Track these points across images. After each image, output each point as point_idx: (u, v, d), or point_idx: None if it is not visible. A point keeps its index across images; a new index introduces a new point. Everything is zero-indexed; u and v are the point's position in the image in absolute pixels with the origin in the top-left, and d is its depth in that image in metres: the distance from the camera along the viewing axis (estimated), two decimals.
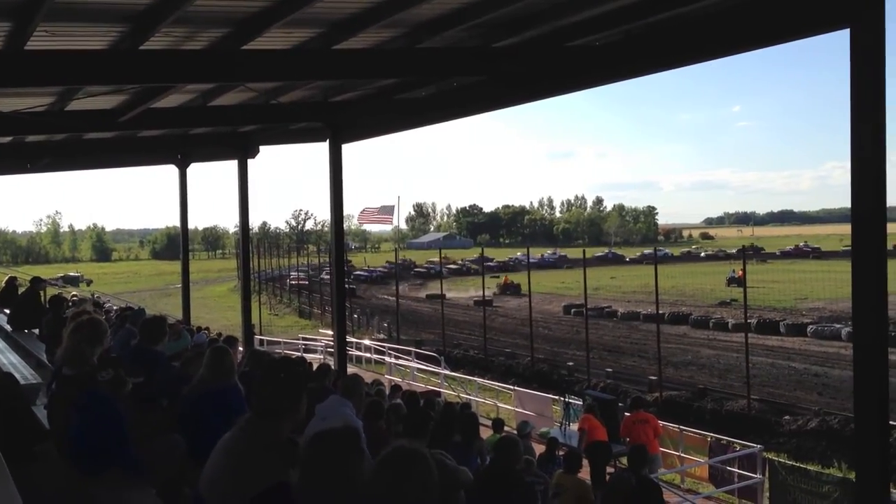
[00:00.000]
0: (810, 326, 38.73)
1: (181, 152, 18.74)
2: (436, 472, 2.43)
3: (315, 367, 10.77)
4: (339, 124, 13.39)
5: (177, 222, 22.47)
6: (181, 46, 8.55)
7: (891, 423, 17.66)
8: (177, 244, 25.56)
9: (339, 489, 2.46)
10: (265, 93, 11.56)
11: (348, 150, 14.80)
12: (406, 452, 2.45)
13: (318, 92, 12.03)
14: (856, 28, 5.81)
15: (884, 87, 5.94)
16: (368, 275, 77.56)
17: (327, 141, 13.91)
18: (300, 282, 61.67)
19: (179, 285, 22.89)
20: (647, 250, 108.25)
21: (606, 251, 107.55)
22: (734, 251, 76.02)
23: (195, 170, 22.24)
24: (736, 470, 15.04)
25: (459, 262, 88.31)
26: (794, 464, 15.29)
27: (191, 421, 4.66)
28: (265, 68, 8.12)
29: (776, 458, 15.58)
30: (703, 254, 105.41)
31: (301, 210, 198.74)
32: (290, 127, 15.78)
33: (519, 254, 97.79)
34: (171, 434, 4.52)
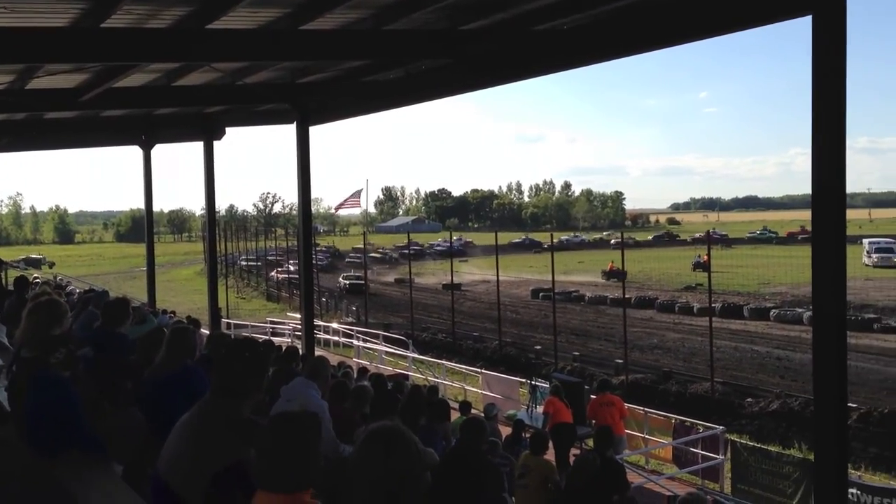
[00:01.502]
0: (773, 310, 39.38)
1: (145, 133, 18.46)
2: (418, 448, 2.47)
3: (283, 350, 10.73)
4: (306, 106, 13.29)
5: (141, 204, 22.20)
6: (144, 25, 8.41)
7: (849, 405, 18.11)
8: (141, 226, 25.23)
9: (294, 471, 2.48)
10: (231, 73, 11.42)
11: (316, 132, 14.75)
12: (390, 429, 2.49)
13: (285, 73, 11.91)
14: (818, 15, 5.87)
15: (844, 74, 6.02)
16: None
17: (295, 123, 13.81)
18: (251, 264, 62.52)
19: (144, 268, 22.61)
20: (565, 236, 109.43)
21: (523, 237, 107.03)
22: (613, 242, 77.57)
23: (160, 151, 21.98)
24: (699, 451, 15.29)
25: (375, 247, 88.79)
26: (755, 445, 15.61)
27: (151, 403, 4.63)
28: (230, 48, 8.02)
29: (738, 440, 15.87)
30: (612, 241, 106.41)
31: (269, 193, 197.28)
32: (256, 108, 15.62)
33: (440, 238, 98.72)
34: (129, 408, 4.49)
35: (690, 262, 62.23)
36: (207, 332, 10.75)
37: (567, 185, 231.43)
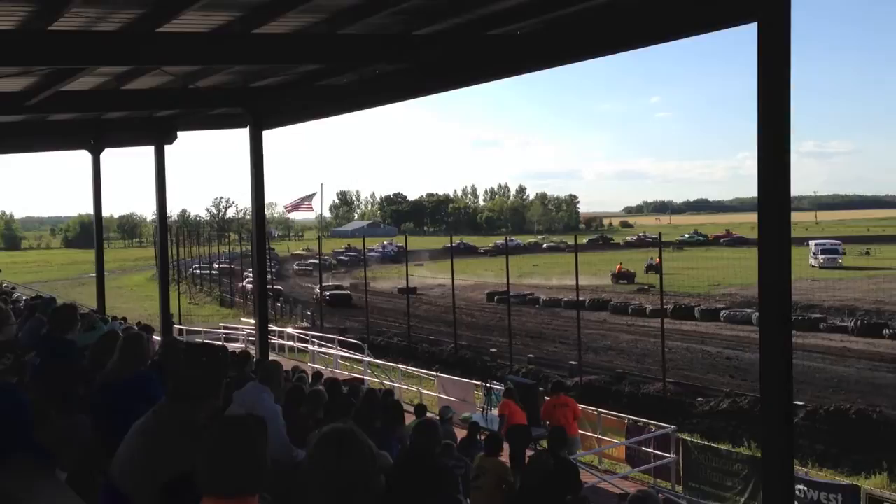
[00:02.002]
0: (723, 311, 40.12)
1: (94, 137, 18.13)
2: (372, 450, 2.48)
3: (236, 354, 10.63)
4: (259, 110, 13.19)
5: (90, 209, 21.80)
6: (93, 28, 8.28)
7: (796, 402, 18.53)
8: (90, 232, 24.82)
9: (238, 475, 2.47)
10: (182, 77, 11.29)
11: (270, 136, 14.64)
12: (342, 431, 2.49)
13: (238, 77, 11.82)
14: (763, 22, 6.03)
15: (789, 80, 6.18)
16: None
17: (248, 127, 13.70)
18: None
19: (93, 275, 22.21)
20: (500, 240, 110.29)
21: (458, 241, 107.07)
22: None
23: (110, 155, 21.63)
24: (651, 450, 15.52)
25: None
26: (705, 443, 15.87)
27: (104, 409, 4.57)
28: (181, 51, 7.95)
29: (689, 439, 16.13)
30: (545, 245, 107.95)
31: (222, 198, 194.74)
32: (209, 112, 15.45)
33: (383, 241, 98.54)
34: (76, 416, 4.42)
35: (643, 265, 63.08)
36: (159, 339, 10.63)
37: (522, 189, 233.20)
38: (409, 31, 8.81)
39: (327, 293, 48.07)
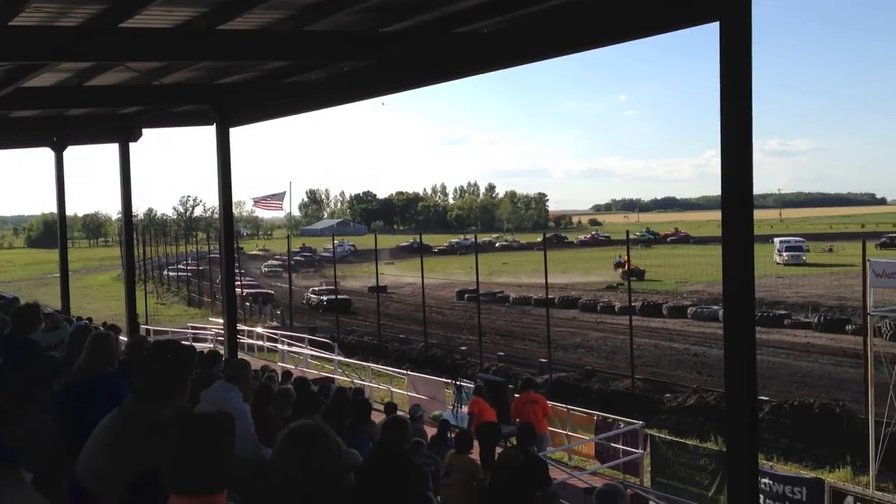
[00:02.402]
0: (690, 308, 40.54)
1: (57, 134, 17.86)
2: (338, 445, 2.48)
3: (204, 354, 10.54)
4: (226, 107, 13.08)
5: (54, 208, 21.47)
6: (55, 23, 8.16)
7: (761, 398, 18.76)
8: (54, 231, 24.48)
9: (204, 472, 2.45)
10: (147, 73, 11.17)
11: (237, 133, 14.57)
12: (309, 427, 2.49)
13: (203, 73, 11.70)
14: (725, 22, 6.10)
15: (750, 79, 6.26)
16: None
17: (214, 125, 13.57)
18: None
19: (58, 274, 21.89)
20: (455, 239, 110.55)
21: (412, 240, 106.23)
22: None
23: (74, 153, 21.32)
24: (620, 446, 15.64)
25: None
26: (673, 439, 16.03)
27: (70, 410, 4.52)
28: (145, 47, 7.86)
29: (657, 434, 16.29)
30: (497, 244, 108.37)
31: (189, 196, 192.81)
32: (174, 109, 15.29)
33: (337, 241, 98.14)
34: (41, 416, 4.37)
35: (612, 263, 63.59)
36: (126, 339, 10.50)
37: (491, 187, 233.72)
38: (376, 28, 8.80)
39: (323, 298, 45.68)
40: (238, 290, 47.42)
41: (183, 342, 4.62)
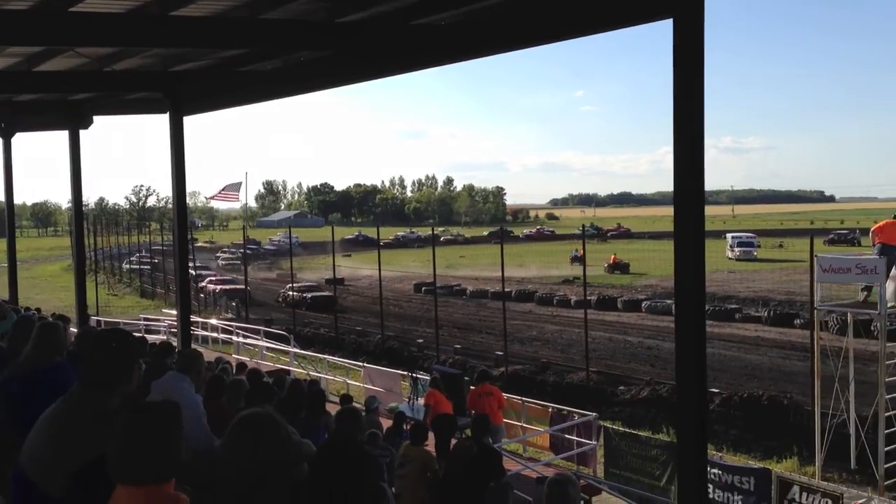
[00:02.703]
0: (645, 302, 41.09)
1: (4, 121, 17.43)
2: (288, 433, 2.47)
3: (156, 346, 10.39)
4: (179, 95, 12.87)
5: (1, 196, 20.97)
6: (3, 6, 7.95)
7: (712, 390, 19.08)
8: (2, 220, 23.87)
9: (150, 462, 2.42)
10: (98, 59, 10.93)
11: (193, 122, 14.36)
12: (259, 416, 2.48)
13: (156, 60, 11.49)
14: (678, 19, 6.18)
15: (703, 76, 6.35)
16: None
17: (168, 113, 13.35)
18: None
19: (5, 264, 21.40)
20: (401, 232, 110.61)
21: (357, 233, 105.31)
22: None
23: (22, 140, 20.85)
24: (574, 438, 15.81)
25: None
26: (626, 430, 16.25)
27: (16, 400, 4.43)
28: (95, 32, 7.69)
29: (611, 426, 16.49)
30: (442, 238, 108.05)
31: (142, 186, 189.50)
32: (126, 97, 15.00)
33: (280, 234, 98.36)
34: None
35: (568, 257, 64.14)
36: (75, 330, 10.29)
37: (449, 181, 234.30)
38: (333, 18, 8.73)
39: (307, 296, 42.68)
40: (213, 287, 45.82)
41: (126, 330, 4.55)
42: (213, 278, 49.95)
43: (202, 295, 45.05)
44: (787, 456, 16.62)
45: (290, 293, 42.79)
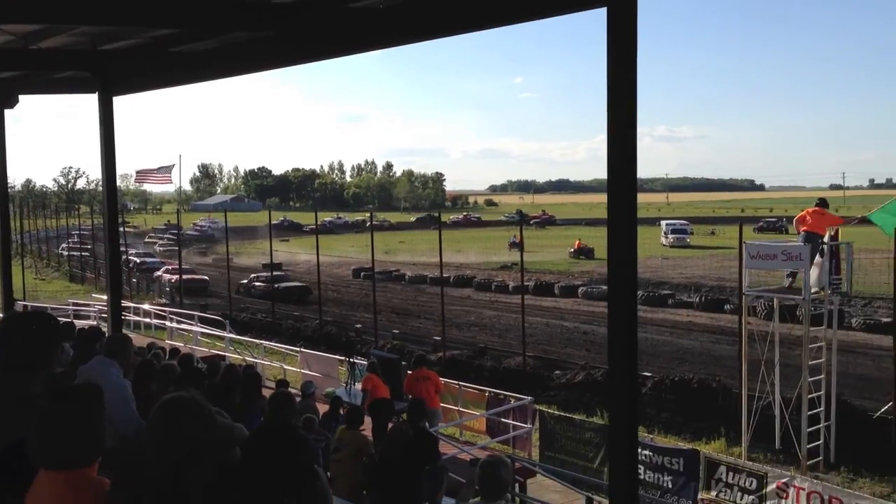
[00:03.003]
0: (581, 288, 41.69)
1: None
2: (213, 416, 2.45)
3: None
4: (109, 75, 12.48)
5: None
6: None
7: (645, 374, 19.49)
8: None
9: (71, 446, 2.39)
10: (23, 36, 10.54)
11: (126, 103, 13.98)
12: (182, 399, 2.45)
13: (85, 39, 11.11)
14: (612, 7, 6.24)
15: (636, 65, 6.44)
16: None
17: (97, 93, 12.96)
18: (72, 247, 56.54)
19: None
20: (328, 217, 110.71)
21: (281, 218, 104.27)
22: None
23: None
24: (510, 421, 16.02)
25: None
26: (560, 414, 16.54)
27: None
28: (19, 8, 7.42)
29: (546, 409, 16.76)
30: (367, 224, 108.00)
31: (71, 167, 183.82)
32: (53, 76, 14.51)
33: (203, 219, 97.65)
34: None
35: (507, 242, 64.69)
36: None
37: (389, 166, 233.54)
38: None
39: (279, 286, 39.01)
40: (169, 277, 42.11)
41: (47, 312, 4.43)
42: (169, 268, 45.16)
43: (156, 286, 42.86)
44: (715, 437, 17.12)
45: (257, 284, 40.80)
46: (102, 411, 2.49)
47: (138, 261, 49.69)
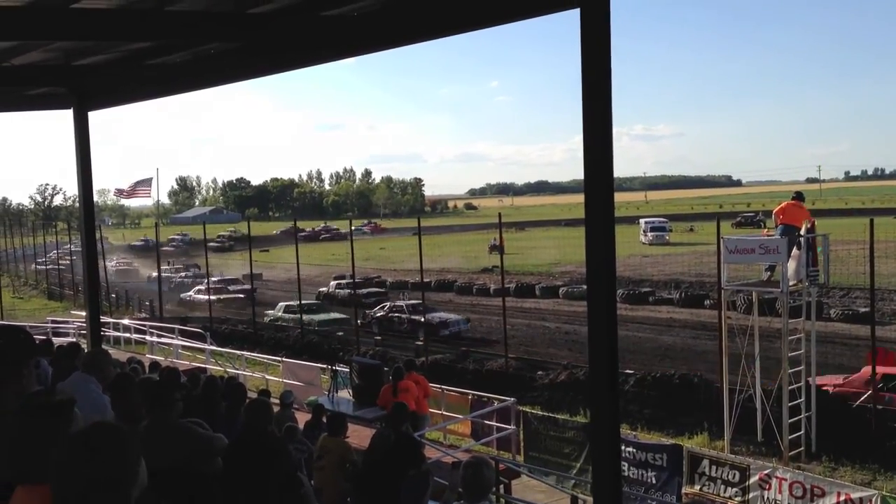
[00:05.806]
0: (562, 288, 41.87)
1: None
2: (135, 446, 2.24)
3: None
4: (84, 90, 12.45)
5: None
6: None
7: (626, 371, 19.58)
8: None
9: (32, 462, 2.34)
10: None
11: (100, 118, 13.89)
12: (100, 429, 2.30)
13: (59, 54, 11.07)
14: (585, 9, 6.31)
15: (610, 68, 6.51)
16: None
17: (72, 108, 12.91)
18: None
19: None
20: (286, 226, 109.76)
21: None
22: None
23: None
24: (494, 423, 16.06)
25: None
26: (544, 414, 16.61)
27: None
28: None
29: (529, 410, 16.83)
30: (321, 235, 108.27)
31: (48, 184, 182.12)
32: (27, 92, 14.42)
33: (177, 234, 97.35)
34: None
35: (487, 246, 64.78)
36: None
37: (368, 173, 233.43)
38: (243, 9, 8.60)
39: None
40: (203, 297, 38.12)
41: (20, 328, 4.42)
42: (202, 287, 41.51)
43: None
44: (698, 431, 17.24)
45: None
46: (69, 428, 2.46)
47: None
